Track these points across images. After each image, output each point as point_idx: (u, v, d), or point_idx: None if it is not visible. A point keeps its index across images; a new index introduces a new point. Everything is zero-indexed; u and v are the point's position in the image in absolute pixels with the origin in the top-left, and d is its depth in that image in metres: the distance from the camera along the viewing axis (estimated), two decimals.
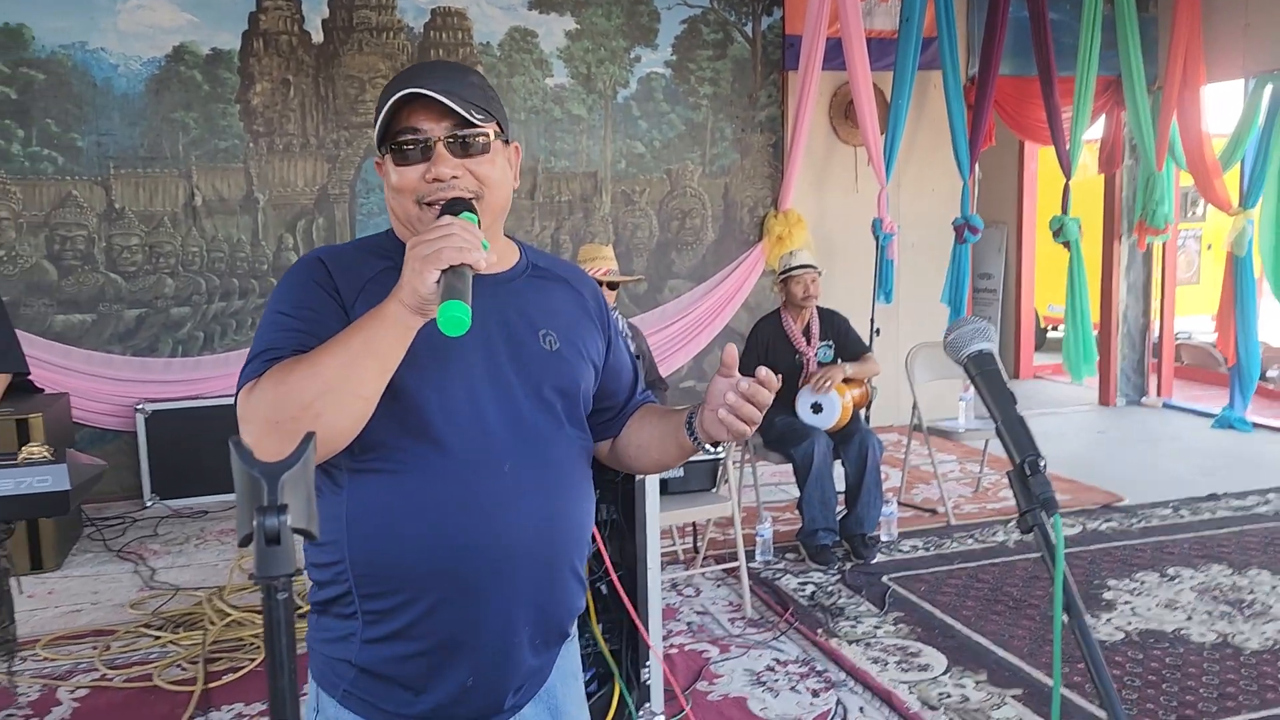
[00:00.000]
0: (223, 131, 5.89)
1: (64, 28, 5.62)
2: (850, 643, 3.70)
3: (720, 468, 4.04)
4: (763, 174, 6.95)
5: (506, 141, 1.42)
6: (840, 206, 7.05)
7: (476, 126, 1.34)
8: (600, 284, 4.17)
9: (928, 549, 4.72)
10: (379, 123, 1.33)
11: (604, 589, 2.97)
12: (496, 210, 1.40)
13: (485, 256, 1.21)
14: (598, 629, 2.91)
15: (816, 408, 4.58)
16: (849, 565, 4.48)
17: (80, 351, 5.70)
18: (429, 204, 1.34)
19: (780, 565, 4.53)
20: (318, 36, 5.99)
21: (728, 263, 6.91)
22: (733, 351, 1.38)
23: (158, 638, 3.81)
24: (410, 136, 1.33)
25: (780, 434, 4.63)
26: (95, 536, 5.11)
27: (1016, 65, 7.09)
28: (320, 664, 1.41)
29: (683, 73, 6.70)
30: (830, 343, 4.78)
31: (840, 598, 4.13)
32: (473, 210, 1.29)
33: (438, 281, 1.17)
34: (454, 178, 1.33)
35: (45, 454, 2.39)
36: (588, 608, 2.96)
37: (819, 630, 3.80)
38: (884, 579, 4.31)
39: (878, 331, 6.17)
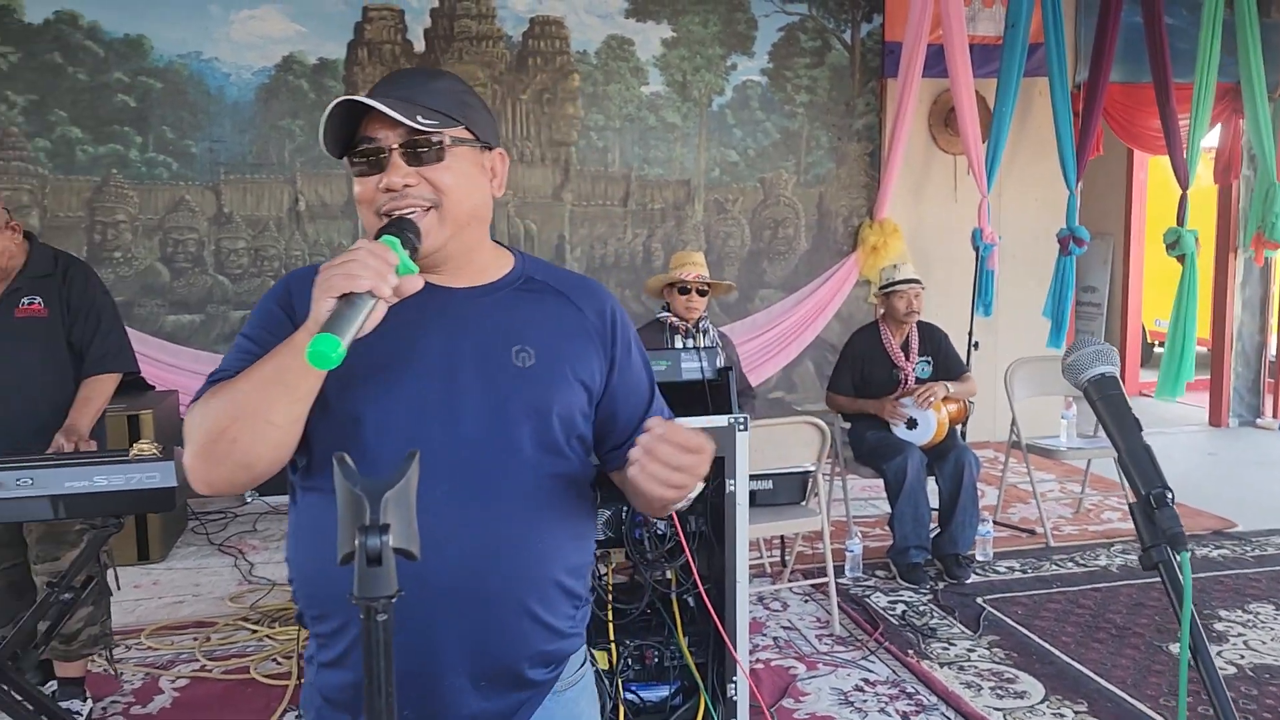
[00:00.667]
0: None
1: (181, 38, 5.84)
2: (942, 665, 3.59)
3: (809, 481, 3.98)
4: (858, 183, 6.84)
5: (489, 147, 1.38)
6: (938, 216, 6.90)
7: (427, 133, 1.28)
8: (691, 289, 4.17)
9: (1025, 571, 4.57)
10: (324, 131, 1.28)
11: (690, 601, 2.94)
12: (461, 219, 1.33)
13: (404, 282, 1.18)
14: (683, 641, 2.88)
15: (911, 423, 4.49)
16: (942, 585, 4.37)
17: (189, 351, 5.90)
18: (384, 214, 1.29)
19: (870, 582, 4.44)
20: (419, 45, 6.11)
21: (821, 273, 6.82)
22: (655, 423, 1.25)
23: (254, 631, 3.92)
24: (365, 145, 1.29)
25: (872, 448, 4.55)
26: (198, 530, 5.29)
27: (1127, 71, 6.84)
28: (305, 687, 1.41)
29: (779, 80, 6.64)
30: (929, 359, 4.68)
31: (932, 618, 4.02)
32: (403, 233, 1.23)
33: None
34: (407, 186, 1.28)
35: (154, 451, 2.47)
36: (674, 620, 2.94)
37: (910, 651, 3.71)
38: (978, 600, 4.19)
39: (976, 345, 6.01)
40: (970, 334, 6.02)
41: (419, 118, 1.26)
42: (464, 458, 1.28)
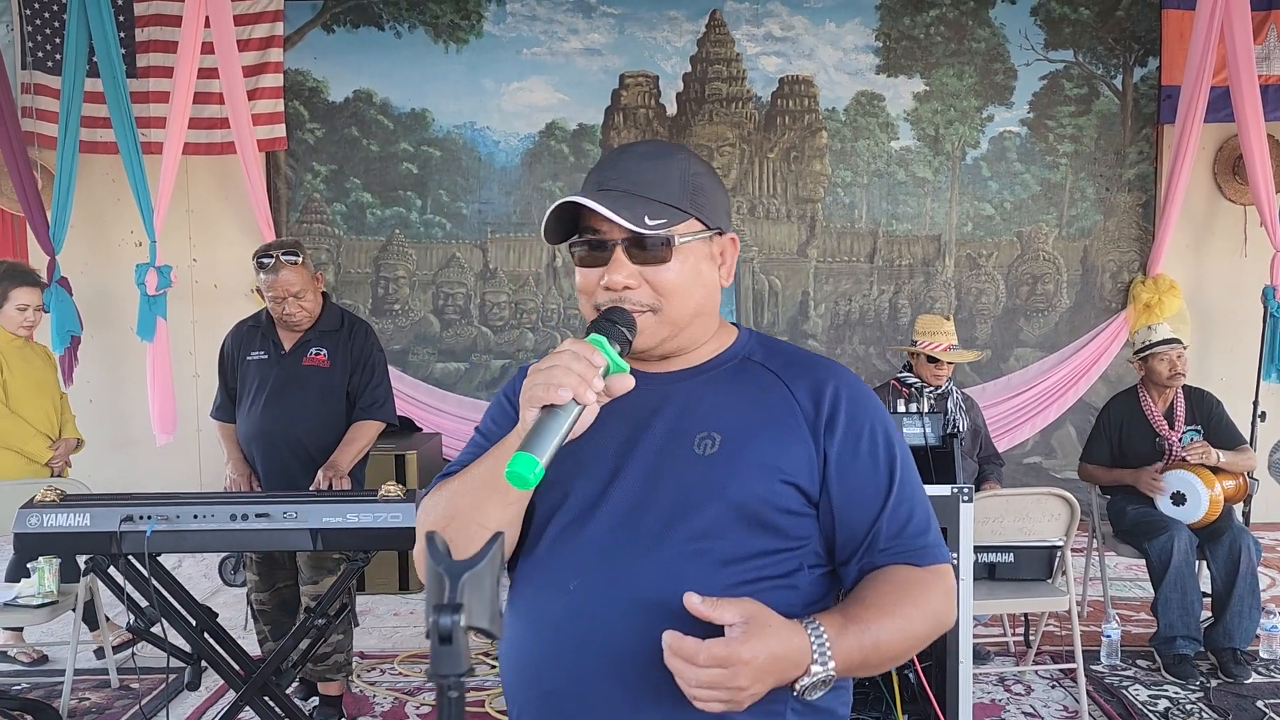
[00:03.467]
0: None
1: (459, 110, 6.39)
2: None
3: (1056, 556, 3.71)
4: (1129, 236, 6.38)
5: (720, 233, 1.29)
6: (1223, 272, 6.30)
7: (652, 234, 1.20)
8: (933, 359, 4.05)
9: None
10: (544, 226, 1.23)
11: (911, 676, 2.82)
12: (683, 319, 1.25)
13: (614, 382, 1.13)
14: (902, 718, 2.77)
15: (1179, 498, 4.09)
16: (1215, 682, 3.92)
17: (454, 396, 6.37)
18: (601, 309, 1.23)
19: (1129, 672, 4.06)
20: (672, 109, 6.35)
21: (1085, 331, 6.39)
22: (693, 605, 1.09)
23: (493, 667, 4.13)
24: (590, 236, 1.23)
25: (1134, 524, 4.18)
26: None
27: None
28: None
29: (1040, 130, 6.34)
30: (1198, 427, 4.26)
31: (1202, 719, 3.62)
32: (612, 330, 1.18)
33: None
34: (627, 288, 1.21)
35: (399, 493, 2.70)
36: (894, 696, 2.83)
37: None
38: (1259, 704, 3.73)
39: (1263, 415, 5.40)
40: (1256, 403, 5.42)
41: (646, 219, 1.19)
42: (603, 551, 1.21)
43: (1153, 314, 6.04)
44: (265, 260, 3.37)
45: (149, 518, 2.74)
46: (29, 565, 3.60)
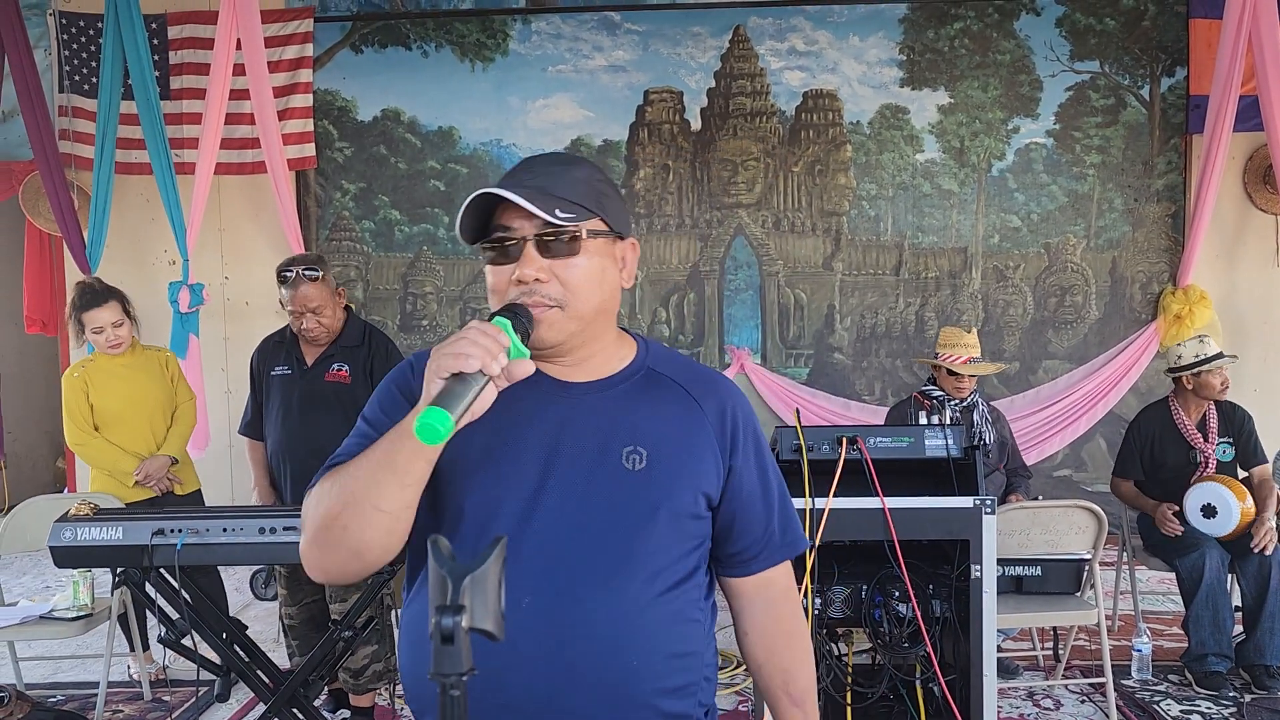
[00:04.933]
0: None
1: (485, 127, 6.45)
2: None
3: (1084, 570, 3.68)
4: (1158, 247, 6.33)
5: (621, 237, 1.34)
6: (1254, 283, 6.23)
7: (563, 226, 1.25)
8: (955, 373, 4.04)
9: None
10: (461, 219, 1.27)
11: (935, 690, 2.81)
12: (586, 315, 1.29)
13: (514, 365, 1.16)
14: None
15: (1209, 510, 4.04)
16: (1248, 698, 3.87)
17: None
18: None
19: (1160, 687, 4.01)
20: (696, 124, 6.38)
21: (1114, 342, 6.33)
22: None
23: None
24: (501, 235, 1.27)
25: (1164, 540, 4.14)
26: None
27: None
28: None
29: (1066, 142, 6.31)
30: (1230, 440, 4.21)
31: None
32: (517, 316, 1.22)
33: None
34: (538, 280, 1.25)
35: None
36: (918, 709, 2.82)
37: None
38: None
39: None
40: None
41: (557, 211, 1.24)
42: (553, 567, 1.24)
43: (1183, 325, 5.98)
44: (286, 274, 3.40)
45: (179, 531, 2.78)
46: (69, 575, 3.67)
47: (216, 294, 6.25)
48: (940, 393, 4.14)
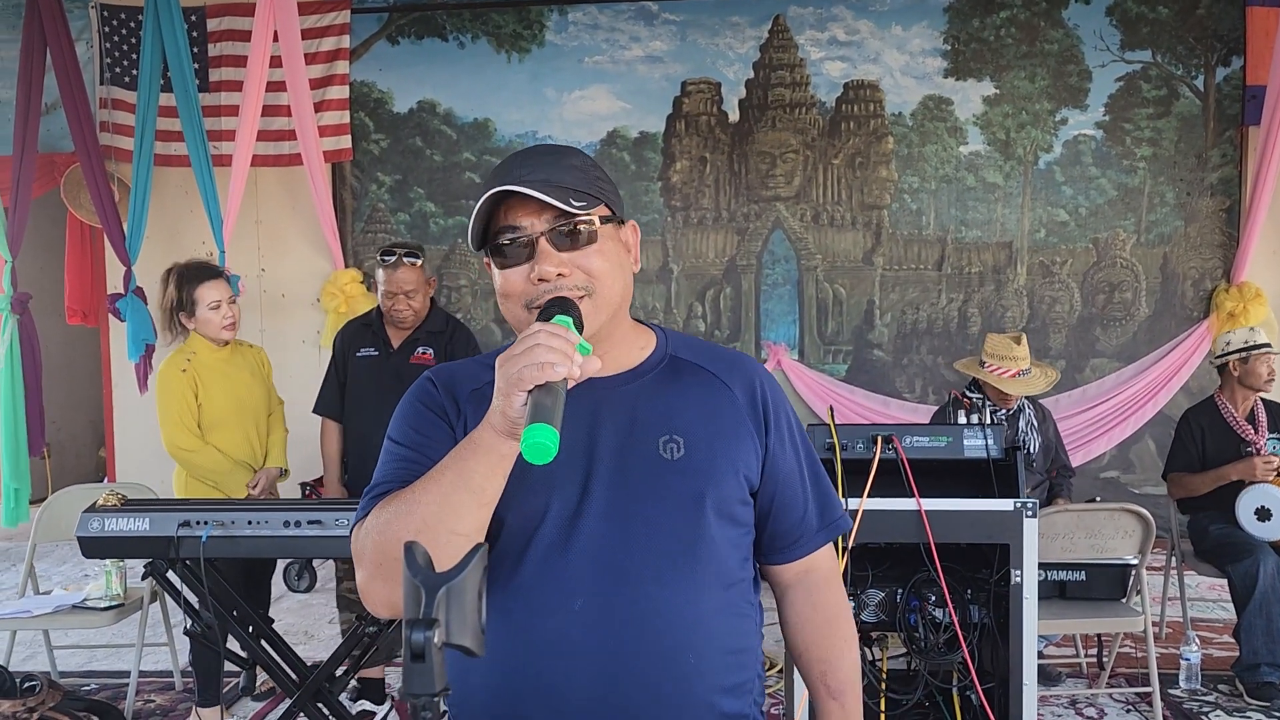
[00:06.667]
0: (645, 207, 6.35)
1: (521, 119, 6.41)
2: None
3: (1130, 575, 3.56)
4: (1212, 242, 6.13)
5: (621, 222, 1.30)
6: None
7: (578, 215, 1.20)
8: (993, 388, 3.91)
9: None
10: (473, 224, 1.22)
11: (973, 698, 2.72)
12: (614, 302, 1.25)
13: (585, 363, 1.10)
14: None
15: (1263, 514, 3.89)
16: None
17: None
18: (536, 308, 1.20)
19: (1210, 697, 3.87)
20: (734, 116, 6.28)
21: (1165, 341, 6.15)
22: None
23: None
24: (510, 235, 1.22)
25: (1216, 544, 3.99)
26: None
27: None
28: None
29: (1116, 134, 6.14)
30: (1278, 436, 4.08)
31: None
32: (569, 311, 1.17)
33: (524, 403, 1.06)
34: (560, 275, 1.20)
35: None
36: (953, 713, 2.73)
37: None
38: None
39: None
40: None
41: (571, 200, 1.20)
42: (605, 567, 1.21)
43: (1237, 323, 5.80)
44: (388, 257, 3.54)
45: (205, 523, 2.76)
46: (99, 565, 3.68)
47: (253, 286, 6.27)
48: (979, 396, 4.01)
